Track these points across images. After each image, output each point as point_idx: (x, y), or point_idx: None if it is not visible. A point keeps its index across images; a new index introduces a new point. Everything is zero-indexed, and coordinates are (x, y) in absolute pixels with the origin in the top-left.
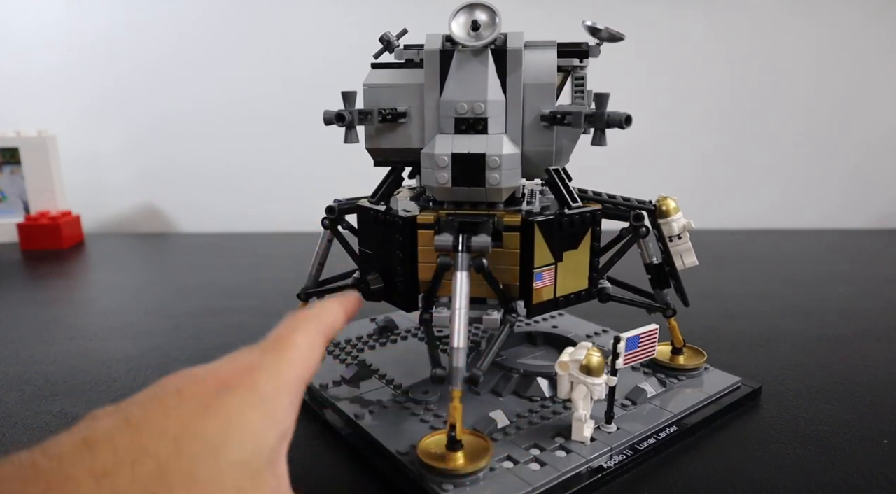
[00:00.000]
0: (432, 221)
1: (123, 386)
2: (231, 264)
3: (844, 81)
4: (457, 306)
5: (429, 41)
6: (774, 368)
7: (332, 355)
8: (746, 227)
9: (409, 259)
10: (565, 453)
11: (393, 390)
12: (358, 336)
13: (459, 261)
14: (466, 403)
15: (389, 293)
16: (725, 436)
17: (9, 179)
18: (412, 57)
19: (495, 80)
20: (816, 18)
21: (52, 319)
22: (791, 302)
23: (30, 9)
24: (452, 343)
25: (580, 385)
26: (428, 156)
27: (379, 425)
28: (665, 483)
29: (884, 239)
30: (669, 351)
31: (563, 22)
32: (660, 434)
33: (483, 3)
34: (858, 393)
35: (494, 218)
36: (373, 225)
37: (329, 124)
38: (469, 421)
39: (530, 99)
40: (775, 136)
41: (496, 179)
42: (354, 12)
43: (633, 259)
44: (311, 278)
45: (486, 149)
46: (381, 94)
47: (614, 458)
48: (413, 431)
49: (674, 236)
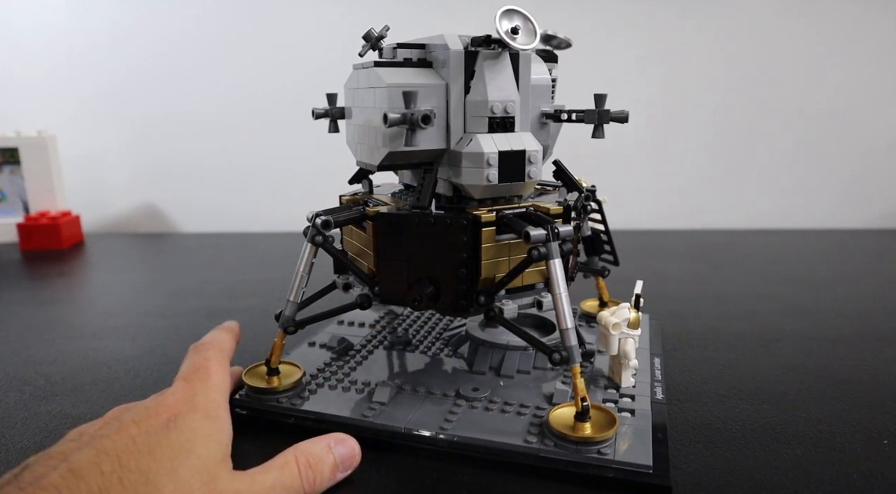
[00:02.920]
0: (494, 219)
1: (123, 386)
2: (231, 264)
3: (844, 81)
4: (558, 291)
5: (451, 41)
6: (774, 368)
7: (348, 390)
8: (746, 227)
9: (472, 259)
10: (631, 398)
11: (443, 396)
12: (333, 364)
13: (553, 250)
14: (510, 388)
15: (437, 298)
16: (726, 436)
17: (9, 179)
18: (408, 55)
19: (514, 80)
20: (816, 18)
21: (52, 319)
22: (791, 302)
23: (30, 9)
24: (563, 325)
25: (629, 339)
26: (473, 156)
27: (472, 428)
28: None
29: (884, 239)
30: (597, 306)
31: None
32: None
33: (520, 10)
34: (858, 393)
35: (532, 208)
36: (415, 230)
37: (397, 125)
38: (534, 400)
39: (534, 98)
40: (775, 136)
41: (535, 173)
42: (354, 12)
43: None
44: (292, 306)
45: (525, 146)
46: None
47: (657, 394)
48: (500, 420)
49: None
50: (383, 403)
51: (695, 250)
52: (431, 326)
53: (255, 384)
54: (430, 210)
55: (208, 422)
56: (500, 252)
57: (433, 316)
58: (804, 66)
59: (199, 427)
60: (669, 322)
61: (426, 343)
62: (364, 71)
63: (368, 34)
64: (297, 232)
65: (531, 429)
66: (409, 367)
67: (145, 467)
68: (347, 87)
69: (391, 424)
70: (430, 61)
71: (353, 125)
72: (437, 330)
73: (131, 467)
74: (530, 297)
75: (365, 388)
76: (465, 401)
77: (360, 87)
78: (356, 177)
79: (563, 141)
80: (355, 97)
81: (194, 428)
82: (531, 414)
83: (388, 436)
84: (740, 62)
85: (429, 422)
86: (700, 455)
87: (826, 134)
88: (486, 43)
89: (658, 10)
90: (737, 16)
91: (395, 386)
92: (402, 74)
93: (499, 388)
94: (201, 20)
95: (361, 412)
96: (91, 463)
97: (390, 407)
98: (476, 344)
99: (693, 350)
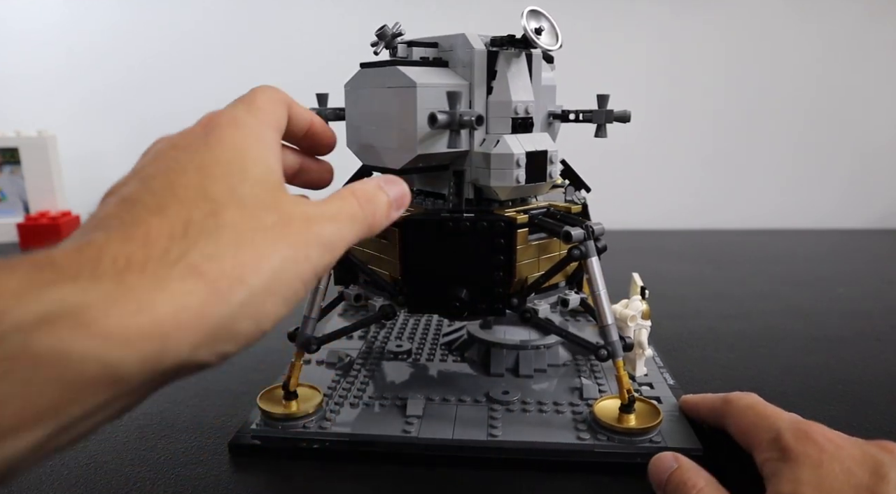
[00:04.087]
0: (528, 220)
1: None
2: None
3: (844, 81)
4: (598, 289)
5: (474, 41)
6: (774, 368)
7: (374, 406)
8: (746, 227)
9: (507, 261)
10: (649, 386)
11: (474, 402)
12: (343, 381)
13: (591, 249)
14: (534, 387)
15: (473, 303)
16: (726, 436)
17: (9, 179)
18: (424, 54)
19: (530, 81)
20: (816, 18)
21: None
22: (791, 302)
23: (30, 9)
24: (605, 321)
25: (642, 329)
26: (504, 157)
27: (520, 431)
28: None
29: (884, 239)
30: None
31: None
32: None
33: (541, 10)
34: (858, 393)
35: (551, 208)
36: (449, 234)
37: (444, 126)
38: (565, 397)
39: (542, 99)
40: (775, 136)
41: (555, 173)
42: (354, 12)
43: None
44: (310, 323)
45: (547, 146)
46: (437, 94)
47: (668, 380)
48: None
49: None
50: (419, 416)
51: (695, 250)
52: (423, 333)
53: (274, 410)
54: (463, 214)
55: (256, 143)
56: (532, 253)
57: (420, 322)
58: (805, 66)
59: (247, 146)
60: (669, 322)
61: (427, 350)
62: (379, 70)
63: (383, 32)
64: None
65: (579, 426)
66: (423, 377)
67: (197, 183)
68: (351, 87)
69: (438, 436)
70: (446, 60)
71: (360, 127)
72: (431, 337)
73: (184, 183)
74: (554, 296)
75: (389, 403)
76: (500, 405)
77: (374, 87)
78: (352, 182)
79: (564, 141)
80: (363, 97)
81: (241, 146)
82: (570, 411)
83: (437, 449)
84: (741, 62)
85: (474, 430)
86: (699, 455)
87: (826, 134)
88: (510, 43)
89: (658, 11)
90: (737, 16)
91: (423, 398)
92: (428, 74)
93: (527, 389)
94: (201, 20)
95: (401, 428)
96: (140, 191)
97: (426, 420)
98: (486, 346)
99: (693, 350)
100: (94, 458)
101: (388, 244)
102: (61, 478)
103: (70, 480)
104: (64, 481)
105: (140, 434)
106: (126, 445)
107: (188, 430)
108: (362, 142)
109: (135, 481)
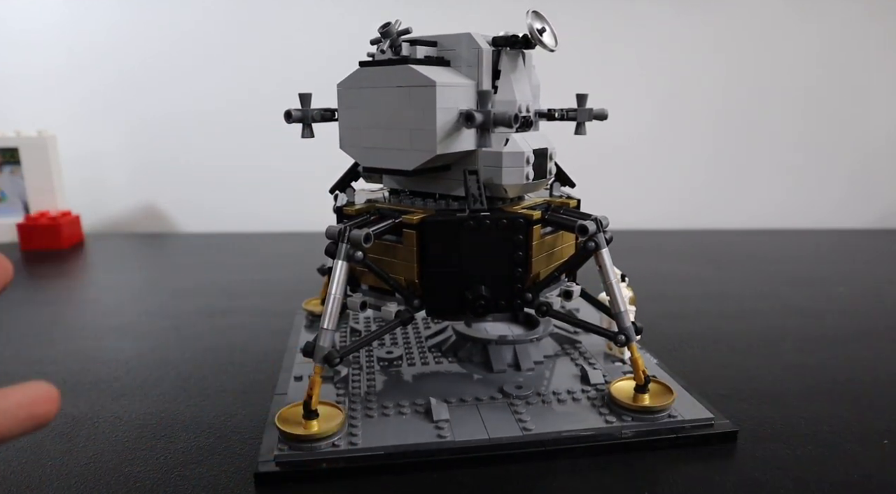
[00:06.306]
0: (541, 216)
1: (123, 385)
2: (231, 264)
3: (844, 81)
4: (611, 280)
5: (480, 40)
6: (774, 368)
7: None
8: (746, 227)
9: (526, 257)
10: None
11: (491, 399)
12: (349, 393)
13: (602, 240)
14: (539, 379)
15: (492, 301)
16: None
17: (9, 179)
18: (428, 53)
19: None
20: (816, 18)
21: (52, 319)
22: (791, 302)
23: (30, 9)
24: (618, 308)
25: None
26: (515, 155)
27: (549, 422)
28: (665, 483)
29: (884, 239)
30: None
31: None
32: None
33: (541, 13)
34: (858, 393)
35: (551, 204)
36: (470, 234)
37: (478, 126)
38: (574, 385)
39: (535, 98)
40: (775, 136)
41: (553, 170)
42: (354, 12)
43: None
44: (328, 335)
45: (547, 144)
46: (453, 94)
47: (652, 359)
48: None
49: None
50: (447, 419)
51: (695, 250)
52: (404, 337)
53: (296, 431)
54: (481, 213)
55: None
56: (545, 248)
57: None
58: (805, 66)
59: None
60: (669, 322)
61: (418, 354)
62: (385, 68)
63: (388, 30)
64: (298, 232)
65: (601, 410)
66: (428, 381)
67: None
68: (349, 87)
69: (475, 438)
70: (448, 60)
71: (361, 128)
72: (415, 340)
73: None
74: (557, 288)
75: (409, 411)
76: (519, 400)
77: (380, 86)
78: (340, 185)
79: (564, 141)
80: (365, 97)
81: None
82: (585, 397)
83: (477, 450)
84: (741, 62)
85: (506, 427)
86: (699, 455)
87: (826, 134)
88: (513, 43)
89: (659, 11)
90: (738, 16)
91: (444, 402)
92: (441, 73)
93: (534, 381)
94: (201, 20)
95: (435, 434)
96: None
97: (455, 423)
98: (481, 344)
99: (693, 350)
100: (94, 458)
101: (402, 248)
102: (61, 478)
103: (70, 480)
104: (64, 481)
105: (140, 434)
106: (126, 445)
107: (188, 430)
108: (364, 143)
109: (135, 481)
